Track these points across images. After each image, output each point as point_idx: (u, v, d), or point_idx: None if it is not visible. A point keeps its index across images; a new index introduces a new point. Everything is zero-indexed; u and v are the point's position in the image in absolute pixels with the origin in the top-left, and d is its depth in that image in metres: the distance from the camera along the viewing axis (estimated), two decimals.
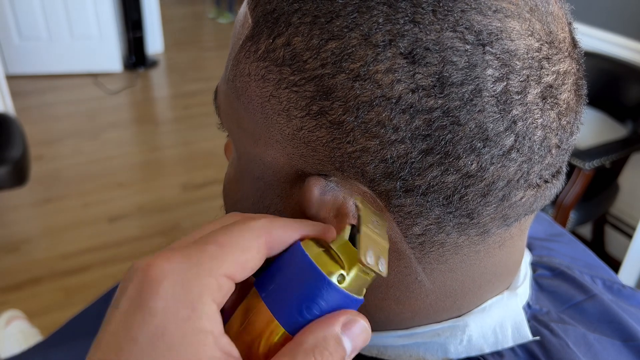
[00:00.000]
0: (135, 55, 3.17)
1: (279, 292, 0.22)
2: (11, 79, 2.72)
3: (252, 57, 0.26)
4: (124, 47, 3.22)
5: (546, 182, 0.26)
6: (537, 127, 0.24)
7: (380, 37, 0.22)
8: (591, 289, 0.36)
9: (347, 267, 0.22)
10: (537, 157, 0.24)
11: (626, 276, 1.34)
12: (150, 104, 2.95)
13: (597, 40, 1.63)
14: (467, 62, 0.22)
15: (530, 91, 0.23)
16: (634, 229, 1.32)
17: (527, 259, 0.36)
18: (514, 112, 0.23)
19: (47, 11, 2.84)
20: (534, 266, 0.38)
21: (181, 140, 2.52)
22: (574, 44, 0.26)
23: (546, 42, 0.24)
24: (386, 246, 0.24)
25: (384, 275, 0.23)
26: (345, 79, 0.23)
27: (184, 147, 2.46)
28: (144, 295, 0.20)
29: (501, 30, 0.22)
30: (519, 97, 0.23)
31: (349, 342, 0.22)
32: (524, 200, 0.26)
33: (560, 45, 0.24)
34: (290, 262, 0.23)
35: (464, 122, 0.22)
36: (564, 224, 1.40)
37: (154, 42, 3.41)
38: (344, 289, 0.22)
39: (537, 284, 0.36)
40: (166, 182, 2.17)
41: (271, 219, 0.23)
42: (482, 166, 0.23)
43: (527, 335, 0.30)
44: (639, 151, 1.48)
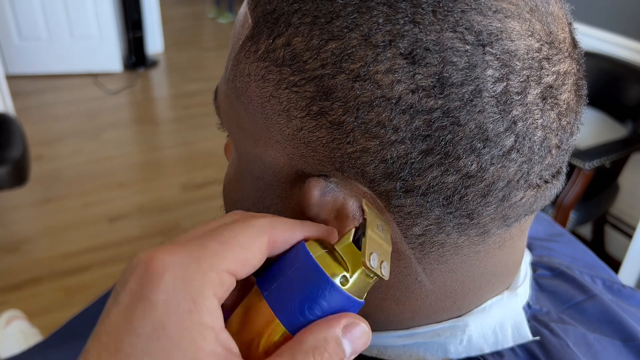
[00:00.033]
0: (135, 55, 3.17)
1: (281, 291, 0.22)
2: (11, 79, 2.72)
3: (252, 57, 0.26)
4: (124, 47, 3.22)
5: (546, 182, 0.26)
6: (537, 128, 0.24)
7: (380, 38, 0.22)
8: (591, 289, 0.36)
9: (350, 269, 0.22)
10: (537, 157, 0.24)
11: (626, 276, 1.34)
12: (150, 104, 2.95)
13: (597, 40, 1.63)
14: (467, 62, 0.22)
15: (530, 91, 0.23)
16: (634, 229, 1.32)
17: (527, 259, 0.36)
18: (514, 112, 0.23)
19: (47, 11, 2.84)
20: (534, 266, 0.38)
21: (181, 140, 2.52)
22: (574, 44, 0.26)
23: (546, 42, 0.24)
24: (389, 250, 0.24)
25: (386, 279, 0.23)
26: (345, 80, 0.23)
27: (184, 147, 2.46)
28: (145, 287, 0.20)
29: (501, 30, 0.22)
30: (519, 97, 0.23)
31: (349, 345, 0.22)
32: (524, 200, 0.26)
33: (560, 45, 0.24)
34: (293, 262, 0.23)
35: (464, 122, 0.22)
36: (564, 224, 1.40)
37: (154, 42, 3.41)
38: (347, 290, 0.22)
39: (537, 284, 0.36)
40: (166, 182, 2.17)
41: (274, 218, 0.23)
42: (482, 167, 0.23)
43: (527, 335, 0.30)
44: (639, 151, 1.48)
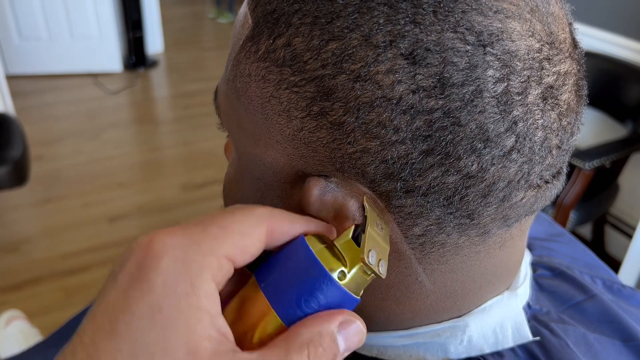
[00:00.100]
0: (135, 55, 3.17)
1: (279, 283, 0.23)
2: (11, 79, 2.72)
3: (253, 57, 0.26)
4: (124, 47, 3.22)
5: (547, 182, 0.26)
6: (537, 128, 0.24)
7: (380, 38, 0.22)
8: (591, 289, 0.36)
9: (348, 265, 0.23)
10: (537, 157, 0.24)
11: (626, 276, 1.34)
12: (150, 104, 2.95)
13: (597, 40, 1.63)
14: (468, 62, 0.22)
15: (531, 92, 0.23)
16: (634, 229, 1.32)
17: (527, 259, 0.36)
18: (515, 112, 0.23)
19: (47, 11, 2.84)
20: (534, 266, 0.38)
21: (181, 140, 2.52)
22: (575, 44, 0.26)
23: (547, 42, 0.24)
24: (387, 249, 0.24)
25: (383, 277, 0.23)
26: (345, 80, 0.23)
27: (184, 147, 2.46)
28: (143, 269, 0.20)
29: (502, 31, 0.22)
30: (520, 97, 0.23)
31: (343, 342, 0.22)
32: (524, 200, 0.26)
33: (560, 45, 0.24)
34: (292, 255, 0.23)
35: (464, 123, 0.22)
36: (564, 224, 1.40)
37: (154, 42, 3.41)
38: (344, 286, 0.22)
39: (537, 284, 0.36)
40: (166, 182, 2.17)
41: (274, 209, 0.24)
42: (483, 167, 0.23)
43: (527, 335, 0.30)
44: (639, 151, 1.48)
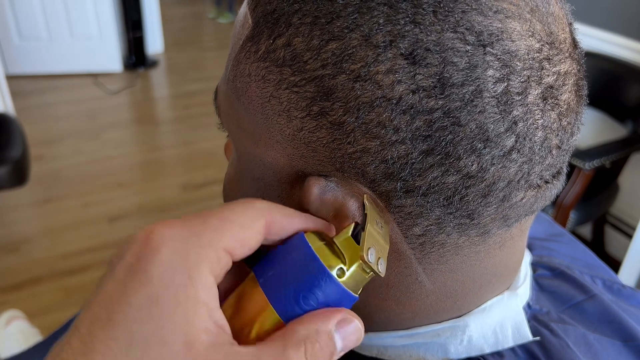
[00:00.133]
0: (135, 55, 3.17)
1: (277, 279, 0.23)
2: (11, 79, 2.72)
3: (253, 57, 0.26)
4: (124, 47, 3.22)
5: (547, 182, 0.26)
6: (537, 128, 0.24)
7: (380, 38, 0.22)
8: (591, 289, 0.36)
9: (347, 263, 0.23)
10: (537, 157, 0.24)
11: (626, 276, 1.34)
12: (150, 104, 2.95)
13: (597, 40, 1.63)
14: (468, 62, 0.22)
15: (531, 92, 0.23)
16: (634, 229, 1.32)
17: (527, 259, 0.36)
18: (515, 112, 0.23)
19: (47, 11, 2.84)
20: (534, 266, 0.38)
21: (181, 140, 2.52)
22: (575, 44, 0.26)
23: (547, 42, 0.24)
24: (387, 248, 0.24)
25: (382, 275, 0.23)
26: (345, 80, 0.23)
27: (184, 147, 2.46)
28: (142, 260, 0.20)
29: (502, 31, 0.22)
30: (520, 97, 0.23)
31: (341, 340, 0.22)
32: (524, 200, 0.26)
33: (560, 45, 0.24)
34: (291, 251, 0.23)
35: (464, 122, 0.22)
36: (564, 224, 1.40)
37: (154, 42, 3.41)
38: (342, 283, 0.22)
39: (538, 284, 0.36)
40: (166, 182, 2.17)
41: (273, 204, 0.24)
42: (483, 167, 0.23)
43: (527, 335, 0.30)
44: (639, 151, 1.48)
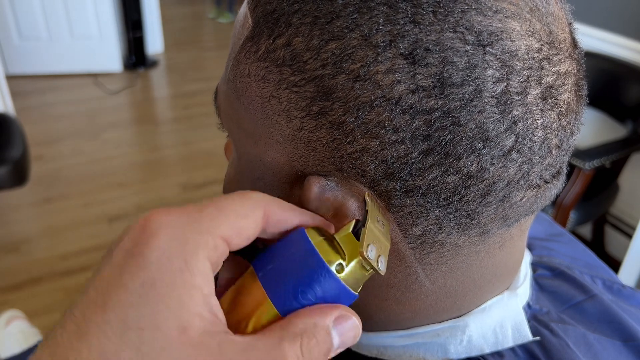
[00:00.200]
0: (135, 55, 3.17)
1: (276, 273, 0.23)
2: (11, 79, 2.72)
3: (253, 57, 0.26)
4: (124, 47, 3.22)
5: (546, 182, 0.26)
6: (537, 128, 0.24)
7: (380, 38, 0.22)
8: (591, 289, 0.36)
9: (347, 258, 0.23)
10: (537, 157, 0.24)
11: (626, 276, 1.34)
12: (150, 104, 2.95)
13: (597, 40, 1.63)
14: (468, 62, 0.22)
15: (530, 92, 0.23)
16: (634, 229, 1.32)
17: (527, 259, 0.36)
18: (514, 112, 0.23)
19: (47, 11, 2.84)
20: (534, 266, 0.38)
21: (181, 140, 2.52)
22: (575, 44, 0.26)
23: (546, 42, 0.24)
24: (388, 246, 0.24)
25: (382, 273, 0.23)
26: (345, 80, 0.23)
27: (184, 147, 2.46)
28: (139, 245, 0.20)
29: (501, 30, 0.22)
30: (519, 97, 0.23)
31: (338, 337, 0.22)
32: (524, 200, 0.26)
33: (560, 45, 0.24)
34: (291, 246, 0.23)
35: (464, 122, 0.22)
36: (564, 224, 1.40)
37: (154, 42, 3.41)
38: (341, 279, 0.22)
39: (537, 284, 0.36)
40: (166, 182, 2.17)
41: (272, 197, 0.24)
42: (483, 167, 0.23)
43: (527, 335, 0.30)
44: (639, 151, 1.48)
